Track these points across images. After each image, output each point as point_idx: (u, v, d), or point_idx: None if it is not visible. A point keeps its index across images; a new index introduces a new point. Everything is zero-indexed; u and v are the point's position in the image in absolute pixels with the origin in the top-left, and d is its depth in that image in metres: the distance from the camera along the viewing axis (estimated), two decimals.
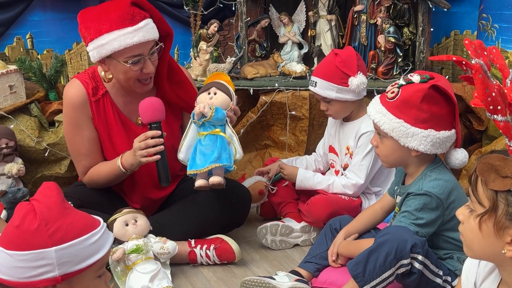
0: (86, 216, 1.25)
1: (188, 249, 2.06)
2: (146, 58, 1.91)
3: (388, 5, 2.72)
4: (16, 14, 2.99)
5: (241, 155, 1.98)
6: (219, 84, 2.00)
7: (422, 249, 1.60)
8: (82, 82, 2.02)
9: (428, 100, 1.66)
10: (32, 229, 1.16)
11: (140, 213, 2.03)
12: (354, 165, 2.17)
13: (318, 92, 2.18)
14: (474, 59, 1.08)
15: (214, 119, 1.92)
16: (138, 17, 1.88)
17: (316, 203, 2.14)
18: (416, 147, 1.68)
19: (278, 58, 2.85)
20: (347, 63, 2.13)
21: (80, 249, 1.19)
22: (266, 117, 2.70)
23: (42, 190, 1.22)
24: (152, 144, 1.89)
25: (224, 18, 3.10)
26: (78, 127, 2.04)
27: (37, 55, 3.09)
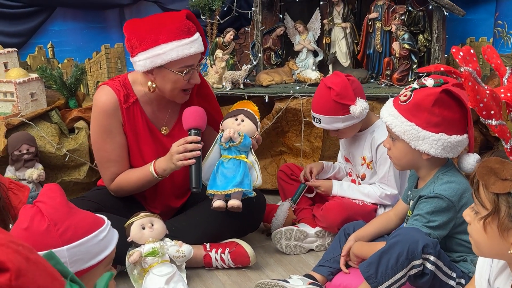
0: (90, 215, 1.27)
1: (203, 252, 2.09)
2: (195, 69, 1.99)
3: (402, 12, 2.73)
4: (38, 24, 3.07)
5: (260, 183, 2.05)
6: (247, 112, 2.08)
7: (434, 249, 1.60)
8: (114, 89, 2.06)
9: (439, 104, 1.67)
10: (41, 230, 1.18)
11: (156, 217, 2.06)
12: (383, 177, 2.16)
13: (325, 127, 2.19)
14: (463, 67, 1.10)
15: (242, 145, 2.00)
16: (192, 30, 1.97)
17: (331, 208, 2.15)
18: (426, 150, 1.69)
19: (293, 65, 2.88)
20: (343, 94, 2.08)
21: (90, 246, 1.21)
22: (281, 124, 2.72)
23: (45, 192, 1.24)
24: (190, 148, 1.94)
25: (240, 27, 3.14)
26: (110, 133, 2.07)
27: (57, 64, 3.16)
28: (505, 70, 1.16)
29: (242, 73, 2.73)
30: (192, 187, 1.96)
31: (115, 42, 3.27)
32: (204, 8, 2.96)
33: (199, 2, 2.94)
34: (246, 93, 2.72)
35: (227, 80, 2.72)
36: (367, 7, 2.85)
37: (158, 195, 2.20)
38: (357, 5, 2.92)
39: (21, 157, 2.48)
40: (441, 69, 1.24)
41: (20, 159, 2.48)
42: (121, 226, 2.01)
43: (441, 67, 1.24)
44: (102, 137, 2.08)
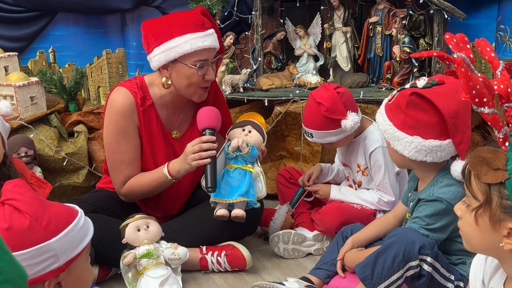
0: (62, 205, 1.26)
1: (199, 255, 2.06)
2: (209, 65, 1.98)
3: (403, 16, 2.72)
4: (39, 28, 3.09)
5: (265, 194, 2.04)
6: (255, 123, 2.08)
7: (430, 250, 1.57)
8: (131, 91, 2.05)
9: (412, 106, 1.64)
10: (24, 227, 1.16)
11: (152, 219, 2.04)
12: (379, 185, 2.14)
13: (318, 141, 2.17)
14: (456, 53, 1.07)
15: (249, 155, 2.00)
16: (207, 25, 1.98)
17: (328, 212, 2.12)
18: (401, 151, 1.68)
19: (294, 69, 2.87)
20: (333, 109, 2.04)
21: (75, 235, 1.21)
22: (281, 128, 2.70)
23: (12, 189, 1.21)
24: (205, 148, 1.92)
25: (240, 32, 3.14)
26: (126, 135, 2.05)
27: (59, 69, 3.17)
28: (499, 63, 1.14)
29: (241, 77, 2.72)
30: (208, 187, 1.93)
31: (116, 47, 3.28)
32: None
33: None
34: (245, 96, 2.71)
35: (226, 84, 2.71)
36: (367, 11, 2.84)
37: (160, 202, 2.18)
38: (358, 10, 2.91)
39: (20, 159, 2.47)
40: (434, 54, 1.22)
41: None
42: (117, 228, 1.99)
43: (433, 52, 1.21)
44: (117, 138, 2.05)
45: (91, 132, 2.79)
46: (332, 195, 2.21)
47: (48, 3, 3.03)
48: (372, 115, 2.41)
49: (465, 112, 1.65)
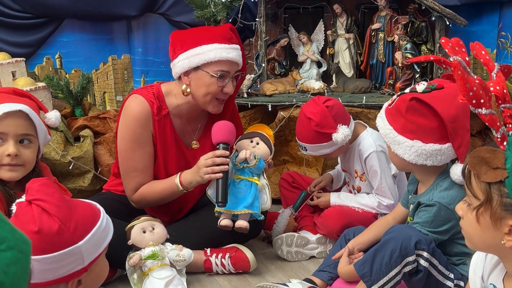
0: (86, 205, 1.29)
1: (203, 257, 2.09)
2: (230, 78, 2.01)
3: (405, 23, 2.75)
4: (47, 35, 3.13)
5: (269, 206, 2.05)
6: (263, 136, 2.09)
7: (427, 246, 1.60)
8: (148, 100, 2.07)
9: (412, 111, 1.67)
10: (54, 231, 1.18)
11: (157, 221, 2.06)
12: (377, 189, 2.16)
13: (312, 154, 2.22)
14: (452, 56, 1.11)
15: (256, 168, 2.01)
16: (234, 40, 2.04)
17: (330, 215, 2.15)
18: (401, 155, 1.70)
19: (297, 75, 2.91)
20: (323, 124, 2.06)
21: (99, 236, 1.25)
22: (284, 133, 2.73)
23: (39, 188, 1.22)
24: (218, 162, 1.92)
25: (245, 39, 3.18)
26: (141, 142, 2.08)
27: (65, 75, 3.21)
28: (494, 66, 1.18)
29: (245, 82, 2.76)
30: (218, 202, 1.93)
31: (122, 53, 3.32)
32: (209, 20, 3.00)
33: (204, 13, 2.98)
34: (249, 102, 2.74)
35: None
36: (370, 18, 2.88)
37: (167, 208, 2.20)
38: (360, 17, 2.95)
39: None
40: (431, 58, 1.25)
41: None
42: (123, 230, 2.02)
43: (430, 56, 1.25)
44: (132, 145, 2.08)
45: (97, 137, 2.83)
46: (332, 202, 2.23)
47: (55, 9, 3.07)
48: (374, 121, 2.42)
49: (464, 116, 1.68)
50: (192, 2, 3.02)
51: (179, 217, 2.26)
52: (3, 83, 2.74)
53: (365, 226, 2.06)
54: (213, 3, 2.96)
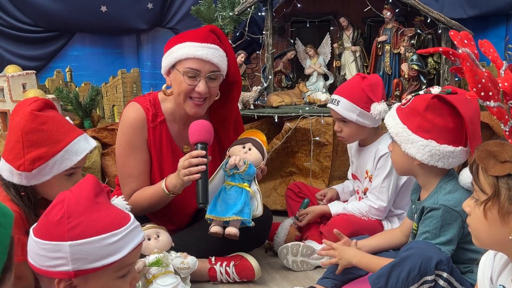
0: (115, 214, 1.21)
1: (208, 265, 2.08)
2: (202, 78, 1.98)
3: (411, 35, 2.77)
4: (57, 48, 3.19)
5: (261, 213, 2.02)
6: (255, 141, 2.07)
7: (447, 265, 1.56)
8: (143, 108, 2.09)
9: (432, 110, 1.66)
10: (55, 220, 1.17)
11: (162, 229, 2.07)
12: (375, 188, 2.16)
13: (339, 111, 2.17)
14: (461, 48, 1.11)
15: (246, 174, 1.99)
16: (210, 40, 1.99)
17: (336, 223, 2.13)
18: (413, 154, 1.68)
19: (303, 87, 2.92)
20: (374, 88, 2.11)
21: (96, 248, 1.16)
22: (290, 144, 2.74)
23: (80, 181, 1.22)
24: (195, 163, 1.90)
25: (252, 52, 3.22)
26: (135, 149, 2.09)
27: (75, 88, 3.26)
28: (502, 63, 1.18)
29: (252, 94, 2.77)
30: (199, 203, 1.92)
31: (131, 67, 3.37)
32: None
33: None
34: (256, 113, 2.75)
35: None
36: (376, 31, 2.90)
37: (170, 215, 2.20)
38: (367, 29, 2.97)
39: None
40: (440, 50, 1.25)
41: None
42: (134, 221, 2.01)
43: (439, 48, 1.25)
44: (127, 151, 2.10)
45: (104, 148, 2.85)
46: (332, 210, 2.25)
47: (66, 23, 3.13)
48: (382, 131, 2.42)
49: (477, 122, 1.69)
50: (200, 16, 3.07)
51: (184, 223, 2.25)
52: (13, 95, 2.79)
53: (371, 235, 2.04)
54: (221, 16, 3.01)
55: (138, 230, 1.24)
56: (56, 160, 1.66)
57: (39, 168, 1.65)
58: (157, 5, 3.22)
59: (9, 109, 2.79)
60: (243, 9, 2.88)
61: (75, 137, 1.71)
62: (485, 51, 1.20)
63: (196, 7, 3.08)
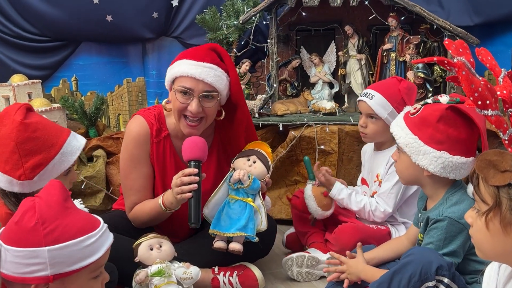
0: (86, 217, 1.26)
1: (211, 275, 2.06)
2: (194, 97, 1.93)
3: (417, 43, 2.75)
4: (63, 58, 3.21)
5: (265, 227, 1.99)
6: (260, 154, 2.03)
7: (448, 271, 1.53)
8: (148, 122, 2.08)
9: (445, 121, 1.64)
10: (29, 227, 1.18)
11: (165, 239, 2.05)
12: (383, 192, 2.14)
13: (372, 105, 2.12)
14: (456, 57, 1.09)
15: (250, 188, 1.96)
16: (208, 59, 1.94)
17: (344, 231, 2.11)
18: (425, 166, 1.65)
19: (308, 96, 2.91)
20: (410, 92, 2.11)
21: (75, 251, 1.20)
22: (295, 152, 2.72)
23: (46, 187, 1.24)
24: (187, 181, 1.87)
25: (257, 61, 3.21)
26: (137, 162, 2.08)
27: (81, 97, 3.27)
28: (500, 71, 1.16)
29: (257, 102, 2.77)
30: (191, 222, 1.88)
31: (137, 76, 3.38)
32: (222, 42, 3.05)
33: (217, 35, 3.03)
34: (260, 121, 2.74)
35: None
36: (381, 38, 2.88)
37: (175, 229, 2.19)
38: (372, 37, 2.96)
39: None
40: (434, 59, 1.24)
41: None
42: (130, 247, 2.01)
43: (434, 58, 1.24)
44: (129, 165, 2.09)
45: (109, 157, 2.85)
46: (333, 191, 2.17)
47: (72, 33, 3.15)
48: None
49: (485, 133, 1.67)
50: (205, 25, 3.07)
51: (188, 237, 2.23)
52: None
53: (379, 243, 2.01)
54: (226, 25, 3.01)
55: (108, 232, 1.31)
56: (55, 164, 1.69)
57: (39, 175, 1.67)
58: (162, 14, 3.23)
59: None
60: (247, 17, 2.88)
61: (66, 138, 1.73)
62: (482, 59, 1.18)
63: (201, 16, 3.08)
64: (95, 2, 3.10)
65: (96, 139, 2.87)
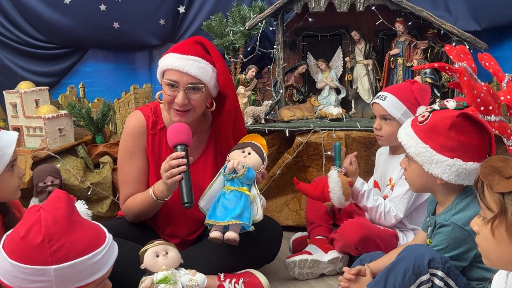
0: (92, 232, 1.23)
1: (217, 282, 2.04)
2: (180, 89, 1.97)
3: (424, 48, 2.73)
4: (71, 64, 3.23)
5: (261, 217, 1.98)
6: (255, 145, 2.05)
7: (441, 264, 1.54)
8: (144, 115, 2.12)
9: (456, 128, 1.62)
10: (35, 243, 1.16)
11: (171, 245, 2.04)
12: (396, 197, 2.12)
13: (385, 106, 2.12)
14: (457, 62, 1.08)
15: (244, 177, 1.96)
16: (192, 51, 1.97)
17: (349, 226, 2.11)
18: (439, 175, 1.63)
19: (315, 101, 2.90)
20: (423, 92, 2.11)
21: (81, 269, 1.18)
22: (302, 158, 2.70)
23: (52, 199, 1.22)
24: (175, 164, 1.90)
25: (263, 67, 3.21)
26: (132, 155, 2.11)
27: (88, 103, 3.28)
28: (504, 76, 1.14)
29: (263, 108, 2.76)
30: (184, 202, 1.89)
31: (144, 82, 3.39)
32: (228, 48, 3.05)
33: (223, 41, 3.03)
34: (267, 127, 2.73)
35: (248, 115, 2.75)
36: (388, 44, 2.87)
37: (171, 225, 2.19)
38: (379, 43, 2.94)
39: (45, 188, 2.53)
40: (435, 65, 1.22)
41: (44, 191, 2.53)
42: (136, 253, 2.00)
43: (435, 64, 1.22)
44: (125, 158, 2.13)
45: (116, 163, 2.83)
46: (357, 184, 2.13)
47: (79, 40, 3.17)
48: None
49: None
50: (212, 31, 3.07)
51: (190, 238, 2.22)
52: (26, 111, 2.81)
53: (383, 243, 2.03)
54: (232, 32, 3.01)
55: (114, 245, 1.29)
56: None
57: None
58: (169, 20, 3.24)
59: (22, 124, 2.82)
60: (254, 23, 2.88)
61: None
62: (485, 64, 1.16)
63: (208, 23, 3.09)
64: (102, 9, 3.12)
65: (103, 145, 2.87)
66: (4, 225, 1.76)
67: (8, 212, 1.77)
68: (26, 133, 2.82)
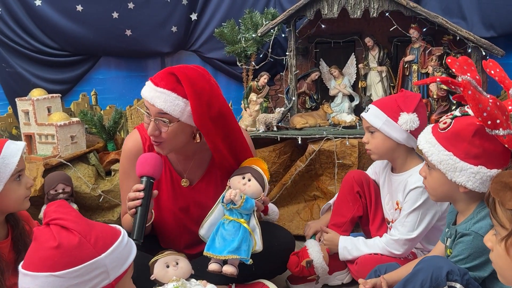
0: (106, 225, 1.30)
1: None
2: (150, 119, 1.89)
3: (439, 54, 2.69)
4: (83, 72, 3.23)
5: (260, 248, 1.93)
6: (256, 171, 1.96)
7: (460, 277, 1.49)
8: (142, 137, 2.08)
9: (480, 134, 1.57)
10: (74, 244, 1.19)
11: (182, 256, 2.01)
12: (398, 221, 2.05)
13: (367, 117, 2.09)
14: (460, 76, 1.03)
15: (243, 208, 1.90)
16: (162, 83, 1.86)
17: (366, 263, 2.03)
18: (463, 183, 1.59)
19: (328, 108, 2.86)
20: (407, 99, 2.02)
21: (121, 251, 1.25)
22: (314, 166, 2.67)
23: (56, 210, 1.23)
24: (131, 197, 1.86)
25: (276, 74, 3.18)
26: (127, 177, 2.09)
27: (100, 111, 3.28)
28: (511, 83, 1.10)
29: (275, 115, 2.73)
30: (133, 239, 1.79)
31: None
32: (240, 55, 3.03)
33: (235, 48, 3.01)
34: (279, 135, 2.70)
35: (260, 122, 2.72)
36: (403, 50, 2.83)
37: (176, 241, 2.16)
38: (393, 49, 2.90)
39: (56, 196, 2.53)
40: (437, 80, 1.18)
41: (55, 198, 2.52)
42: (146, 263, 1.98)
43: (436, 78, 1.18)
44: (122, 177, 2.15)
45: None
46: (340, 246, 2.13)
47: (91, 48, 3.17)
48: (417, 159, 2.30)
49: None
50: (224, 38, 3.06)
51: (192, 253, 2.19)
52: (38, 119, 2.81)
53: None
54: (244, 38, 3.00)
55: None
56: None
57: None
58: (181, 28, 3.23)
59: (34, 132, 2.82)
60: (266, 30, 2.86)
61: (3, 144, 1.68)
62: (490, 72, 1.12)
63: (220, 30, 3.07)
64: (114, 16, 3.12)
65: (115, 153, 2.86)
66: (12, 239, 1.75)
67: (17, 224, 1.76)
68: (38, 141, 2.82)
